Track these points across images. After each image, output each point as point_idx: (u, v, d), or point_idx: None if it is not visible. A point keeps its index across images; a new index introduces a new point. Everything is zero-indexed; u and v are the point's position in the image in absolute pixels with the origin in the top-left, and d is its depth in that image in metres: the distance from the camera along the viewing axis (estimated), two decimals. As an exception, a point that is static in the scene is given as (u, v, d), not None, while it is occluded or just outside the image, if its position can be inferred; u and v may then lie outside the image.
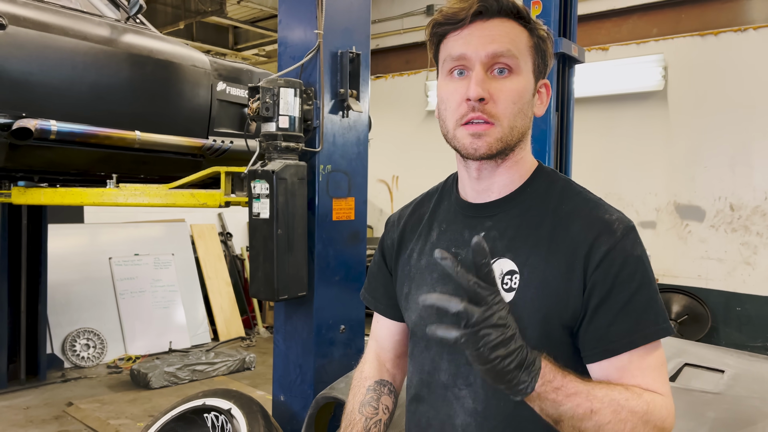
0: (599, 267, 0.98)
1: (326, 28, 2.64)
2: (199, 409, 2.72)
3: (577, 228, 1.01)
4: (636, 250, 0.99)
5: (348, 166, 2.82)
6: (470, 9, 1.02)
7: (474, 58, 1.02)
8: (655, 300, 0.99)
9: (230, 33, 9.66)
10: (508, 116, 1.02)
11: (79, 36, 2.98)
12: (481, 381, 1.05)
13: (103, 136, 2.97)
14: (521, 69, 1.03)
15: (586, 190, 1.10)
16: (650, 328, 0.97)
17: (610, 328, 0.97)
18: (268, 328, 6.82)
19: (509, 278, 1.03)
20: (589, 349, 0.99)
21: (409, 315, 1.18)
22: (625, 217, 1.03)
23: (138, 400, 4.64)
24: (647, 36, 6.06)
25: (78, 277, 5.70)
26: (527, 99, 1.04)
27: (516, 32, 1.04)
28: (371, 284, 1.33)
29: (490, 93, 1.01)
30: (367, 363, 1.33)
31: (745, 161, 5.54)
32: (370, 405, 1.25)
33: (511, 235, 1.06)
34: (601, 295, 0.97)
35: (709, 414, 1.82)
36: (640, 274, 0.98)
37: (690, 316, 5.77)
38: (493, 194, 1.10)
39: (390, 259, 1.26)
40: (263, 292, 2.58)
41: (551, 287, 1.00)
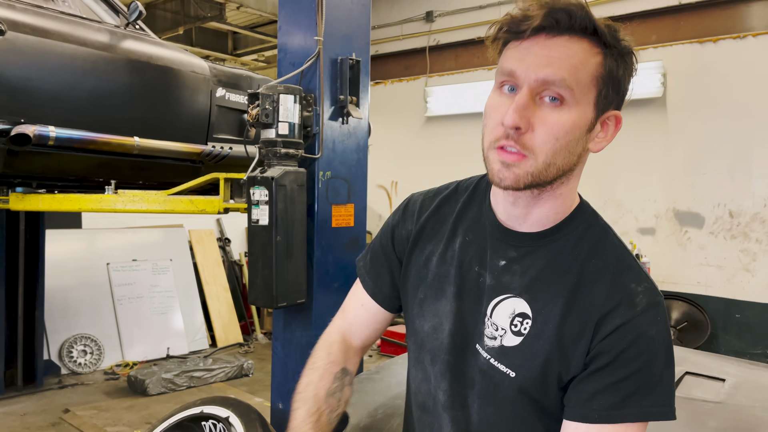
0: (607, 338, 0.93)
1: (326, 35, 2.63)
2: (197, 417, 2.69)
3: (600, 291, 0.95)
4: (652, 329, 0.93)
5: (347, 173, 2.81)
6: (533, 21, 0.89)
7: (523, 78, 0.90)
8: (653, 383, 0.93)
9: (229, 38, 9.67)
10: (545, 152, 0.91)
11: (79, 42, 2.98)
12: (478, 407, 1.04)
13: (101, 142, 2.96)
14: (577, 101, 0.90)
15: (622, 244, 1.02)
16: (632, 408, 0.92)
17: (596, 396, 0.93)
18: (266, 334, 6.80)
19: (520, 321, 0.98)
20: (568, 405, 0.96)
21: (422, 323, 1.12)
22: (655, 289, 0.96)
23: (135, 406, 4.62)
24: (646, 43, 6.07)
25: (75, 283, 5.68)
26: (577, 135, 0.92)
27: (583, 57, 0.90)
28: (375, 268, 1.22)
29: (531, 122, 0.90)
30: (335, 344, 1.23)
31: (744, 168, 5.55)
32: (335, 396, 1.18)
33: (534, 275, 0.99)
34: (600, 365, 0.93)
35: (711, 423, 1.80)
36: (647, 355, 0.92)
37: (689, 323, 5.76)
38: (525, 225, 1.02)
39: (401, 250, 1.18)
40: (262, 299, 2.56)
41: (560, 344, 0.95)
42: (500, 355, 1.00)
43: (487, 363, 1.01)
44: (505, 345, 0.99)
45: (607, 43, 0.92)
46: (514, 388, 0.99)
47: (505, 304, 1.00)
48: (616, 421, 0.92)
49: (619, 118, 0.96)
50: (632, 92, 0.97)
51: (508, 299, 1.00)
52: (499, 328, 1.00)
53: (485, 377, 1.02)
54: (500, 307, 1.01)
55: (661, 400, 0.93)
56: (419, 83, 7.92)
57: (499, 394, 1.01)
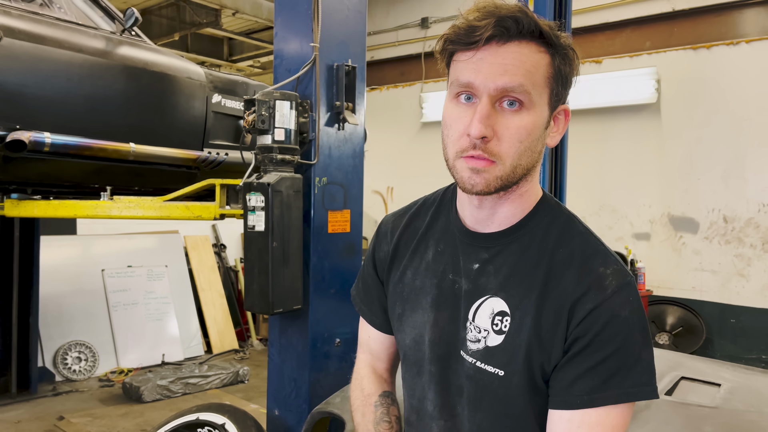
0: (581, 323, 0.94)
1: (322, 41, 2.64)
2: (193, 424, 2.69)
3: (570, 278, 0.97)
4: (624, 309, 0.94)
5: (344, 179, 2.81)
6: (485, 31, 0.91)
7: (482, 89, 0.93)
8: (631, 363, 0.93)
9: (225, 44, 9.67)
10: (512, 155, 0.95)
11: (75, 48, 2.98)
12: (469, 414, 1.04)
13: (97, 148, 2.96)
14: (534, 103, 0.94)
15: (588, 230, 1.04)
16: (614, 390, 0.93)
17: (576, 381, 0.94)
18: (262, 340, 6.78)
19: (500, 319, 1.00)
20: (551, 394, 0.97)
21: (403, 337, 1.15)
22: (623, 270, 0.98)
23: (130, 414, 4.59)
24: (640, 49, 6.10)
25: (70, 289, 5.65)
26: (537, 135, 0.96)
27: (535, 60, 0.93)
28: (367, 296, 1.27)
29: (494, 129, 0.93)
30: (365, 379, 1.29)
31: (738, 173, 5.57)
32: (384, 421, 1.22)
33: (507, 273, 1.02)
34: (577, 350, 0.94)
35: (707, 428, 1.81)
36: (622, 336, 0.93)
37: (684, 327, 5.77)
38: (492, 225, 1.04)
39: (382, 271, 1.22)
40: (258, 306, 2.56)
41: (540, 336, 0.97)
42: (486, 356, 1.01)
43: (474, 367, 1.02)
44: (489, 345, 1.00)
45: (553, 44, 0.95)
46: (504, 387, 0.99)
47: (485, 306, 1.02)
48: (599, 404, 0.93)
49: (567, 112, 1.03)
50: (575, 85, 1.02)
51: (486, 300, 1.02)
52: (482, 330, 1.02)
53: (472, 382, 1.02)
54: (481, 309, 1.03)
55: (642, 379, 0.94)
56: (415, 89, 7.94)
57: (488, 397, 1.01)
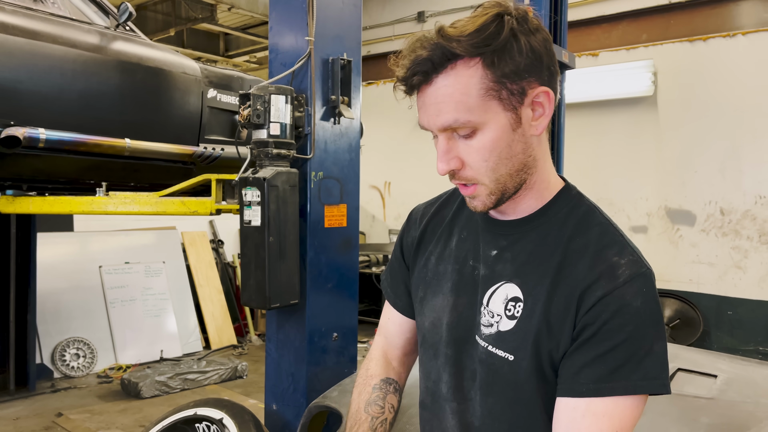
0: (590, 311, 0.92)
1: (317, 35, 2.63)
2: (191, 419, 2.69)
3: (583, 266, 0.95)
4: (636, 300, 0.91)
5: (340, 173, 2.81)
6: (410, 81, 0.94)
7: (433, 130, 0.97)
8: (642, 355, 0.91)
9: (221, 40, 9.65)
10: (486, 174, 0.96)
11: (69, 44, 2.96)
12: (480, 399, 1.04)
13: (92, 144, 2.95)
14: (483, 121, 0.93)
15: (609, 221, 1.02)
16: (621, 381, 0.90)
17: (583, 369, 0.92)
18: (260, 336, 6.78)
19: (513, 305, 1.00)
20: (559, 382, 0.96)
21: (422, 320, 1.16)
22: (640, 261, 0.95)
23: (129, 410, 4.59)
24: (637, 42, 6.10)
25: (68, 286, 5.65)
26: (505, 142, 0.95)
27: (463, 84, 0.92)
28: (393, 279, 1.28)
29: (460, 158, 0.96)
30: (373, 360, 1.30)
31: (734, 166, 5.58)
32: (376, 404, 1.23)
33: (523, 260, 1.02)
34: (586, 337, 0.93)
35: (703, 419, 1.81)
36: (633, 326, 0.90)
37: (682, 320, 5.79)
38: (513, 214, 1.05)
39: (408, 256, 1.23)
40: (255, 300, 2.56)
41: (549, 323, 0.96)
42: (497, 340, 1.01)
43: (486, 351, 1.02)
44: (501, 330, 1.01)
45: (480, 51, 0.91)
46: (514, 371, 0.99)
47: (500, 291, 1.03)
48: (605, 394, 0.91)
49: (547, 92, 0.96)
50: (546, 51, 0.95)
51: (501, 286, 1.02)
52: (495, 315, 1.02)
53: (484, 366, 1.03)
54: (495, 294, 1.03)
55: (652, 372, 0.91)
56: (411, 83, 7.91)
57: (499, 382, 1.01)
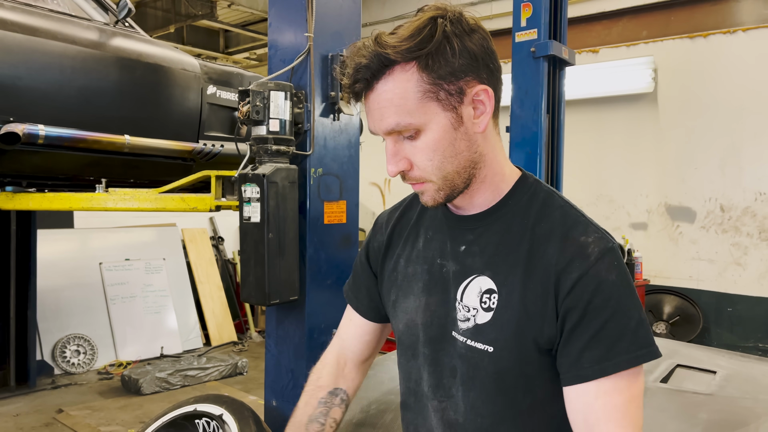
0: (570, 293, 0.95)
1: (316, 31, 2.62)
2: (191, 415, 2.69)
3: (553, 250, 0.98)
4: (611, 274, 0.95)
5: (339, 169, 2.80)
6: (354, 89, 0.98)
7: (379, 133, 1.00)
8: (633, 326, 0.94)
9: (221, 36, 9.64)
10: (433, 172, 0.99)
11: (68, 40, 2.96)
12: (462, 394, 1.06)
13: (91, 140, 2.94)
14: (424, 122, 0.96)
15: (569, 203, 1.05)
16: (623, 356, 0.93)
17: (583, 354, 0.94)
18: (260, 332, 6.79)
19: (488, 297, 1.02)
20: (563, 372, 0.98)
21: (397, 323, 1.18)
22: (605, 237, 0.99)
23: (129, 406, 4.60)
24: (637, 38, 6.09)
25: (68, 283, 5.65)
26: (447, 142, 0.98)
27: (401, 87, 0.95)
28: (356, 283, 1.31)
29: (407, 159, 1.00)
30: (325, 367, 1.31)
31: (734, 162, 5.57)
32: (317, 421, 1.23)
33: (491, 252, 1.04)
34: (574, 322, 0.95)
35: (702, 415, 1.81)
36: (614, 300, 0.94)
37: (681, 316, 5.79)
38: (473, 209, 1.08)
39: (375, 261, 1.25)
40: (254, 297, 2.56)
41: (528, 310, 0.98)
42: (476, 333, 1.02)
43: (465, 345, 1.04)
44: (478, 323, 1.02)
45: (415, 55, 0.94)
46: (494, 363, 1.01)
47: (472, 285, 1.04)
48: (611, 371, 0.93)
49: (486, 90, 0.98)
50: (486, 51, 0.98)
51: (474, 280, 1.04)
52: (471, 309, 1.03)
53: (464, 361, 1.04)
54: (468, 289, 1.04)
55: (646, 341, 0.95)
56: (411, 80, 7.90)
57: (480, 375, 1.03)
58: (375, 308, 1.27)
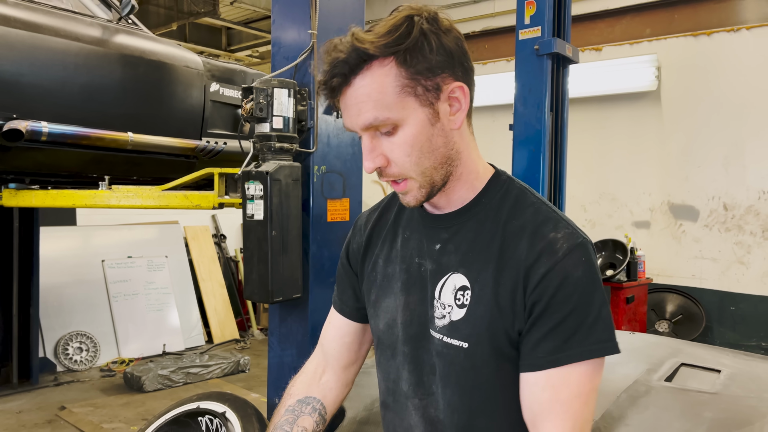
0: (537, 288, 0.96)
1: (320, 29, 2.62)
2: (194, 413, 2.69)
3: (523, 246, 0.99)
4: (577, 270, 0.96)
5: (343, 167, 2.80)
6: (330, 83, 0.98)
7: (356, 130, 1.00)
8: (590, 321, 0.95)
9: (223, 34, 9.63)
10: (412, 167, 1.00)
11: (71, 36, 2.96)
12: (442, 391, 1.07)
13: (95, 137, 2.94)
14: (401, 117, 0.97)
15: (541, 200, 1.06)
16: (575, 349, 0.95)
17: (539, 344, 0.96)
18: (262, 330, 6.79)
19: (461, 294, 1.03)
20: (520, 359, 1.00)
21: (377, 323, 1.18)
22: (576, 233, 1.00)
23: (131, 403, 4.61)
24: (640, 36, 6.07)
25: (70, 280, 5.66)
26: (425, 136, 0.99)
27: (379, 82, 0.95)
28: (340, 285, 1.31)
29: (384, 155, 1.00)
30: (301, 375, 1.32)
31: (738, 161, 5.56)
32: (282, 429, 1.23)
33: (465, 249, 1.05)
34: (537, 314, 0.97)
35: (706, 414, 1.81)
36: (578, 295, 0.95)
37: (684, 315, 5.78)
38: (448, 207, 1.09)
39: (355, 262, 1.26)
40: (258, 295, 2.55)
41: (499, 305, 0.99)
42: (451, 330, 1.04)
43: (441, 342, 1.05)
44: (453, 320, 1.04)
45: (393, 50, 0.95)
46: (469, 358, 1.02)
47: (448, 283, 1.06)
48: (562, 362, 0.95)
49: (461, 87, 1.00)
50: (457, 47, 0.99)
51: (449, 278, 1.06)
52: (446, 306, 1.05)
53: (441, 358, 1.06)
54: (445, 287, 1.06)
55: (603, 336, 0.96)
56: (414, 78, 7.89)
57: (455, 371, 1.04)
58: (361, 308, 1.26)
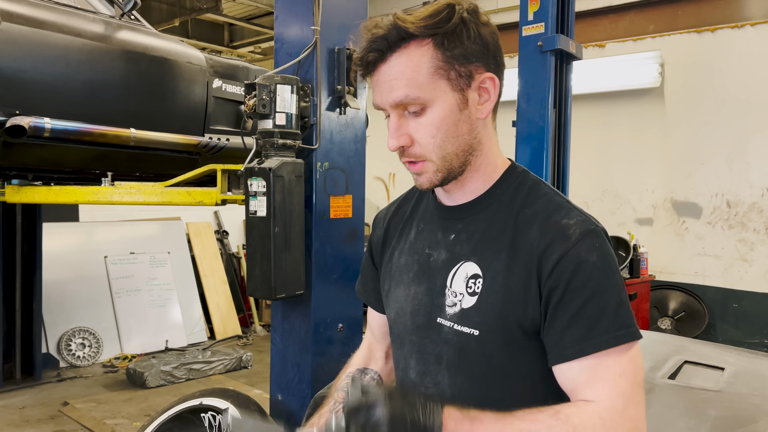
0: (552, 275, 0.97)
1: (323, 25, 2.61)
2: (196, 409, 2.70)
3: (535, 233, 1.00)
4: (591, 255, 0.96)
5: (345, 164, 2.80)
6: (366, 58, 1.00)
7: (385, 107, 1.02)
8: (613, 307, 0.95)
9: (225, 30, 9.62)
10: (433, 150, 1.02)
11: (74, 33, 2.95)
12: (449, 380, 1.08)
13: (97, 133, 2.94)
14: (431, 99, 0.99)
15: (554, 191, 1.07)
16: (602, 336, 0.94)
17: (564, 334, 0.96)
18: (264, 326, 6.80)
19: (473, 282, 1.04)
20: (548, 352, 0.99)
21: (389, 312, 1.22)
22: (588, 220, 1.00)
23: (134, 399, 4.62)
24: (644, 33, 6.05)
25: (73, 276, 5.66)
26: (452, 121, 1.01)
27: (415, 63, 0.98)
28: (364, 278, 1.36)
29: (409, 135, 1.02)
30: (358, 352, 1.38)
31: (741, 158, 5.54)
32: (343, 390, 1.25)
33: (478, 238, 1.06)
34: (555, 302, 0.97)
35: (710, 412, 1.81)
36: (594, 281, 0.95)
37: (687, 312, 5.77)
38: (463, 197, 1.11)
39: (376, 255, 1.29)
40: (260, 291, 2.56)
41: (511, 293, 1.00)
42: (462, 318, 1.05)
43: (452, 330, 1.06)
44: (464, 308, 1.05)
45: (432, 32, 0.97)
46: (480, 346, 1.02)
47: (460, 271, 1.07)
48: (591, 351, 0.94)
49: (492, 79, 1.02)
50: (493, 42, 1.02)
51: (461, 266, 1.07)
52: (458, 294, 1.06)
53: (450, 346, 1.06)
54: (457, 275, 1.07)
55: (627, 322, 0.95)
56: (416, 74, 7.88)
57: (466, 359, 1.05)
58: (380, 300, 1.30)
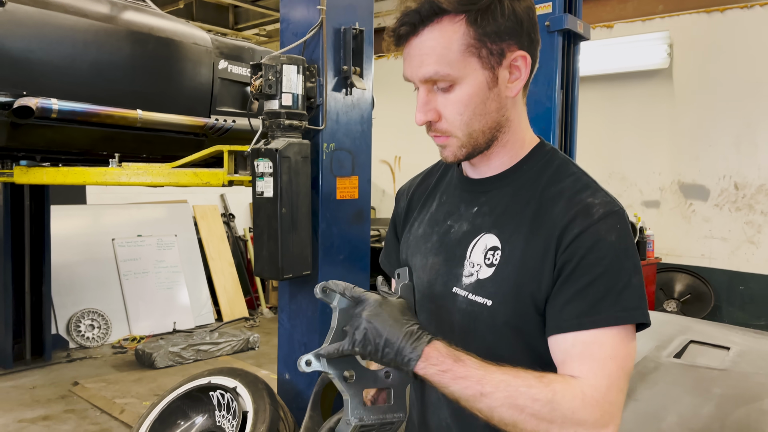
0: (568, 248, 0.96)
1: (329, 4, 2.60)
2: (205, 388, 2.73)
3: (559, 210, 1.00)
4: (611, 235, 0.95)
5: (352, 145, 2.80)
6: (398, 31, 1.00)
7: (415, 80, 1.02)
8: (619, 288, 0.94)
9: (230, 12, 9.55)
10: (459, 127, 1.02)
11: (80, 13, 2.95)
12: (462, 348, 1.07)
13: (104, 114, 2.95)
14: (461, 76, 0.99)
15: (582, 171, 1.07)
16: (602, 314, 0.93)
17: (566, 306, 0.95)
18: (271, 308, 6.84)
19: (492, 254, 1.04)
20: (547, 322, 0.99)
21: None
22: (613, 202, 1.00)
23: (143, 379, 4.67)
24: (653, 13, 5.98)
25: (81, 258, 5.71)
26: (480, 99, 1.01)
27: (446, 38, 0.97)
28: (387, 250, 1.36)
29: (437, 110, 1.02)
30: None
31: (750, 140, 5.50)
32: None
33: (500, 212, 1.07)
34: (566, 275, 0.96)
35: (715, 390, 1.82)
36: (609, 260, 0.94)
37: (693, 295, 5.77)
38: (489, 171, 1.11)
39: (399, 227, 1.30)
40: (268, 271, 2.57)
41: (528, 266, 0.99)
42: (477, 288, 1.05)
43: (466, 300, 1.06)
44: (480, 278, 1.05)
45: (465, 8, 0.97)
46: (492, 316, 1.03)
47: (480, 243, 1.07)
48: (588, 327, 0.93)
49: (524, 57, 1.01)
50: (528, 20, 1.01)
51: (481, 238, 1.07)
52: (475, 265, 1.06)
53: (464, 315, 1.07)
54: (476, 246, 1.08)
55: (631, 304, 0.94)
56: (422, 56, 7.83)
57: (479, 328, 1.05)
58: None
